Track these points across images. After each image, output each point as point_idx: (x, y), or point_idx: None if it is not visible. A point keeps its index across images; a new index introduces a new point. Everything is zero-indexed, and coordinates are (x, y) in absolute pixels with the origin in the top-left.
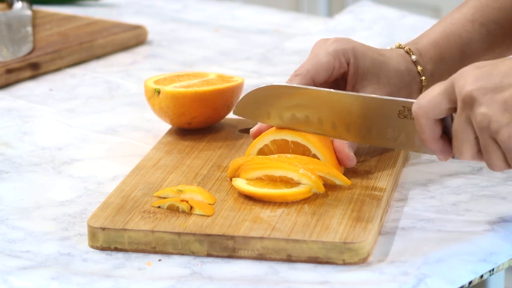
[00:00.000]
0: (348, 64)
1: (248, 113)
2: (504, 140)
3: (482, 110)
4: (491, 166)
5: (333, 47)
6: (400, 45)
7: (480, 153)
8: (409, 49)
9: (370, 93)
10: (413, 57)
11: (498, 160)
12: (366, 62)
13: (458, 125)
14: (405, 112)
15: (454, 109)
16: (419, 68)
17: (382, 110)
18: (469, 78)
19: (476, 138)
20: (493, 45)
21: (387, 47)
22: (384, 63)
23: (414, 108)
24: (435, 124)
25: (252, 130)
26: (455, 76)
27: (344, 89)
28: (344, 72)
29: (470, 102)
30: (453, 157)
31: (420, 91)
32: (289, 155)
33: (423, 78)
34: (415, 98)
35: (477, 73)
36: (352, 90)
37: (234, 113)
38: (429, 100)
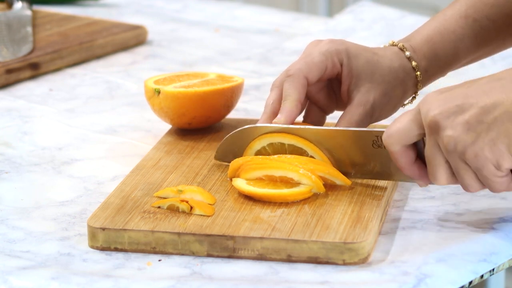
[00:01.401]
0: (341, 65)
1: (228, 158)
2: (471, 159)
3: (447, 133)
4: (466, 188)
5: (326, 47)
6: (393, 42)
7: (454, 176)
8: (403, 45)
9: (364, 93)
10: (407, 53)
11: (471, 181)
12: (360, 62)
13: (428, 150)
14: (378, 141)
15: (424, 134)
16: (414, 63)
17: (357, 142)
18: (432, 104)
19: (447, 161)
20: (486, 40)
21: (382, 46)
22: (378, 62)
23: (384, 137)
24: (407, 150)
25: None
26: (420, 103)
27: (339, 89)
28: (337, 73)
29: (435, 126)
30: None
31: (416, 87)
32: (289, 156)
33: (418, 73)
34: (410, 95)
35: (439, 98)
36: (346, 90)
37: (215, 158)
38: (398, 128)
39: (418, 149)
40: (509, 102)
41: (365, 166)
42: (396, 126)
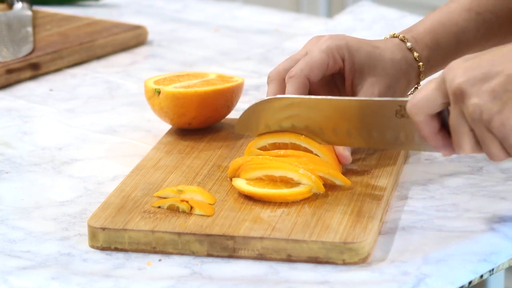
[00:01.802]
0: (343, 60)
1: (249, 129)
2: (497, 128)
3: (472, 101)
4: (491, 157)
5: (326, 44)
6: (394, 34)
7: (479, 145)
8: (404, 37)
9: (368, 87)
10: (408, 44)
11: (496, 150)
12: (362, 56)
13: (453, 119)
14: (402, 111)
15: (449, 103)
16: (415, 54)
17: (379, 112)
18: (457, 71)
19: (472, 130)
20: (489, 34)
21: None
22: (380, 55)
23: (408, 106)
24: (432, 120)
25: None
26: (445, 71)
27: (341, 83)
28: (339, 68)
29: (461, 95)
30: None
31: (419, 77)
32: (289, 152)
33: (421, 64)
34: (413, 86)
35: (465, 65)
36: (351, 85)
37: (236, 130)
38: (423, 97)
39: (442, 118)
40: None
41: (389, 136)
42: (420, 95)
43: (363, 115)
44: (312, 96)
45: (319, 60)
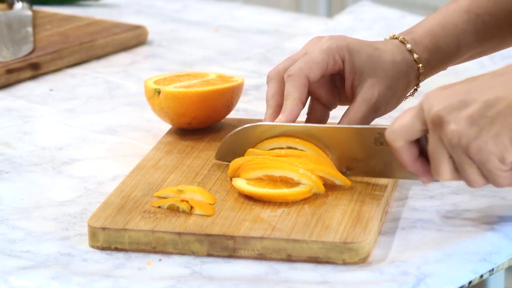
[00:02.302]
0: (343, 61)
1: (229, 158)
2: (475, 154)
3: (451, 127)
4: (470, 183)
5: (327, 44)
6: (394, 35)
7: (457, 172)
8: (404, 38)
9: (368, 88)
10: (408, 46)
11: (475, 176)
12: (362, 58)
13: (432, 146)
14: (381, 138)
15: (427, 130)
16: (415, 56)
17: (359, 139)
18: (435, 100)
19: (451, 157)
20: (488, 36)
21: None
22: (380, 57)
23: (387, 133)
24: (411, 146)
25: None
26: (422, 100)
27: (342, 85)
28: (339, 69)
29: (439, 122)
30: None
31: (418, 79)
32: (289, 151)
33: (420, 65)
34: (412, 87)
35: (442, 94)
36: (350, 86)
37: (215, 158)
38: (402, 124)
39: (421, 146)
40: (511, 96)
41: (368, 164)
42: (399, 122)
43: (343, 142)
44: (291, 124)
45: (319, 59)
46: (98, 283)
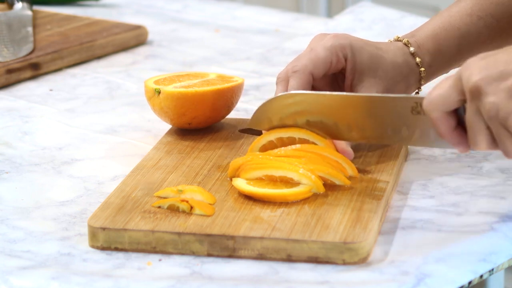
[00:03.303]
0: (345, 60)
1: (262, 124)
2: None
3: (489, 99)
4: (507, 154)
5: (330, 42)
6: (398, 37)
7: (495, 142)
8: (407, 41)
9: (367, 88)
10: (411, 49)
11: None
12: (364, 57)
13: (469, 116)
14: (418, 108)
15: (465, 101)
16: (418, 59)
17: (395, 108)
18: (474, 70)
19: (489, 127)
20: (490, 38)
21: (387, 40)
22: (382, 57)
23: (425, 103)
24: (448, 117)
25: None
26: (461, 68)
27: (342, 83)
28: (342, 68)
29: (477, 93)
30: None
31: (419, 83)
32: (294, 146)
33: (422, 69)
34: (413, 90)
35: (481, 63)
36: (350, 85)
37: (249, 125)
38: (439, 94)
39: (459, 116)
40: None
41: (404, 133)
42: (436, 92)
43: (378, 111)
44: (327, 92)
45: (323, 56)
46: (98, 283)
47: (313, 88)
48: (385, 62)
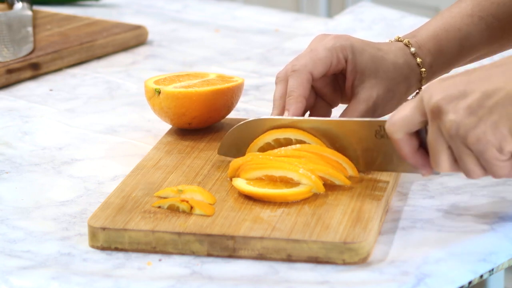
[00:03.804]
0: (346, 61)
1: (232, 153)
2: (473, 143)
3: (449, 117)
4: (468, 174)
5: (331, 43)
6: (399, 38)
7: (456, 163)
8: (408, 41)
9: (368, 89)
10: (412, 49)
11: (473, 166)
12: (364, 59)
13: (431, 136)
14: (382, 131)
15: (427, 122)
16: (418, 60)
17: (359, 132)
18: (434, 91)
19: (450, 147)
20: (491, 38)
21: (388, 41)
22: (383, 58)
23: (387, 125)
24: (411, 138)
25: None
26: (422, 91)
27: (343, 84)
28: (342, 68)
29: (438, 112)
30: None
31: (420, 83)
32: (294, 146)
33: (423, 70)
34: (414, 91)
35: (442, 85)
36: (351, 86)
37: (218, 153)
38: (401, 116)
39: (421, 138)
40: (510, 87)
41: (368, 157)
42: (399, 114)
43: (345, 135)
44: (291, 117)
45: (323, 57)
46: (98, 283)
47: (313, 88)
48: (386, 63)
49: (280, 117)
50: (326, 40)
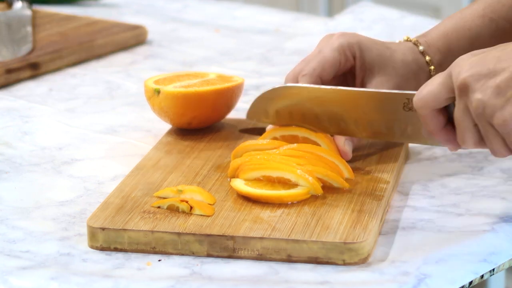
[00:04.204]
0: (354, 58)
1: (260, 116)
2: (499, 124)
3: (476, 96)
4: (494, 152)
5: (338, 42)
6: (408, 38)
7: (482, 140)
8: (417, 40)
9: (377, 86)
10: (421, 47)
11: (499, 146)
12: (372, 55)
13: (457, 113)
14: (410, 104)
15: (454, 98)
16: (427, 58)
17: (387, 104)
18: (464, 66)
19: (476, 125)
20: (502, 40)
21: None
22: (391, 55)
23: (414, 100)
24: (438, 114)
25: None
26: (452, 65)
27: (353, 82)
28: (351, 66)
29: (465, 89)
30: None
31: None
32: (291, 146)
33: (432, 67)
34: None
35: (472, 60)
36: (360, 83)
37: (247, 116)
38: (429, 91)
39: (448, 113)
40: None
41: (396, 129)
42: (426, 89)
43: (371, 106)
44: (322, 86)
45: (331, 58)
46: (98, 283)
47: None
48: (394, 60)
49: (306, 85)
50: (332, 40)
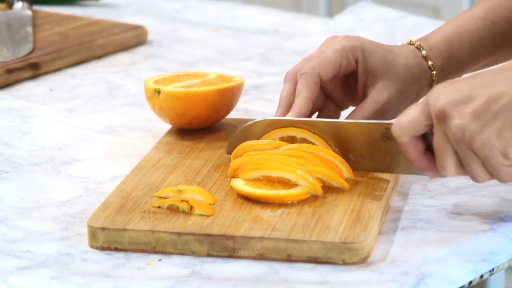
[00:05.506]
0: (356, 62)
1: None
2: (478, 148)
3: (455, 122)
4: (474, 178)
5: (341, 44)
6: (410, 41)
7: (462, 167)
8: (419, 44)
9: (380, 90)
10: (423, 52)
11: (479, 170)
12: (375, 59)
13: (437, 140)
14: (388, 134)
15: (432, 126)
16: (430, 63)
17: (366, 134)
18: (440, 95)
19: (455, 152)
20: (504, 43)
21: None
22: (394, 60)
23: (393, 128)
24: (417, 141)
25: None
26: (428, 95)
27: (355, 86)
28: (353, 70)
29: (443, 116)
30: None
31: (431, 86)
32: (291, 145)
33: (434, 72)
34: (425, 93)
35: (447, 89)
36: (362, 87)
37: (227, 152)
38: (408, 119)
39: (427, 141)
40: None
41: (375, 159)
42: (405, 117)
43: (351, 137)
44: (299, 118)
45: (332, 59)
46: (98, 283)
47: (323, 90)
48: (396, 64)
49: (287, 117)
50: (335, 42)
